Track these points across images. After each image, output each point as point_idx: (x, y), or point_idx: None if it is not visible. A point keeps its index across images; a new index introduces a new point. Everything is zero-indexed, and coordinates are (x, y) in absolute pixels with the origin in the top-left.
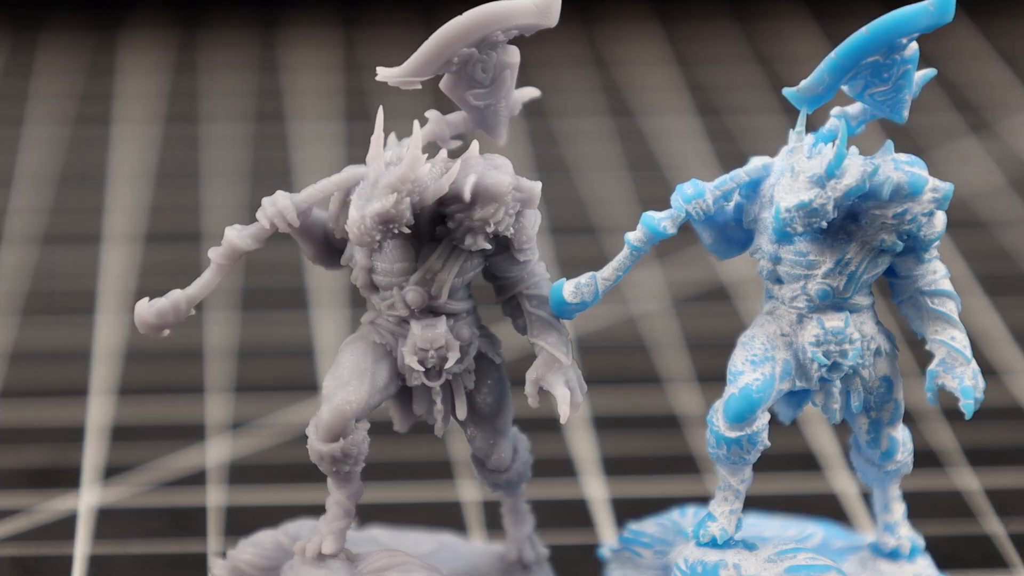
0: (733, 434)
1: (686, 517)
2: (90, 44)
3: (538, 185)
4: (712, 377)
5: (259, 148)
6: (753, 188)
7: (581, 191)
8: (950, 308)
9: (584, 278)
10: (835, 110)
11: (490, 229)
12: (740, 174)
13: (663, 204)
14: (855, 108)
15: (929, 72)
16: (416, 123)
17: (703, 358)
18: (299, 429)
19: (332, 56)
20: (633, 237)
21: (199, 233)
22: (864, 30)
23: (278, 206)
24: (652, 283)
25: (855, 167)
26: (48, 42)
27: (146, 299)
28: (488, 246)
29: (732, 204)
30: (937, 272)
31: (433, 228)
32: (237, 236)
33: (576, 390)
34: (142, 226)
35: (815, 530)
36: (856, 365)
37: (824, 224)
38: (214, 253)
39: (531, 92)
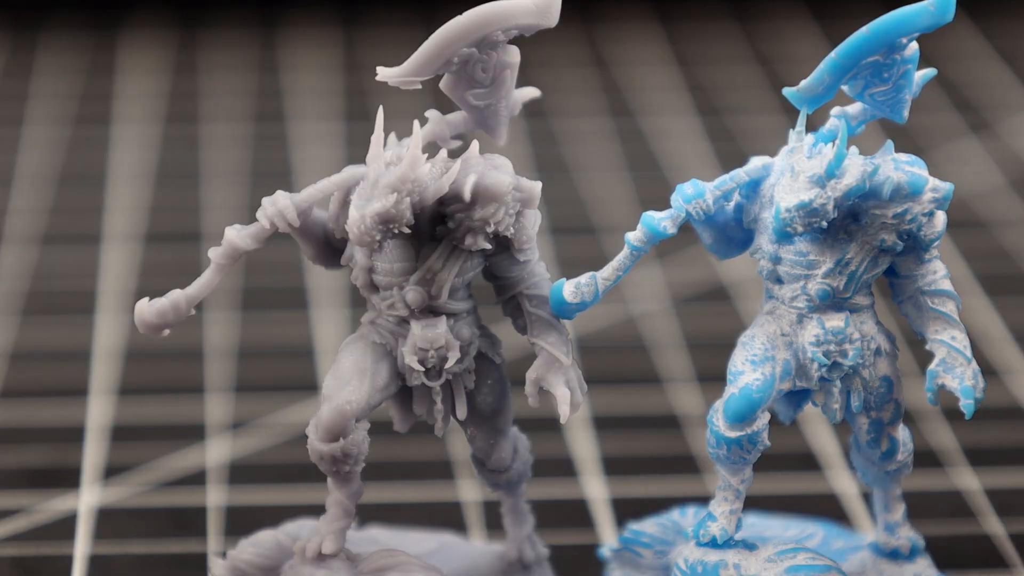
0: (733, 434)
1: (686, 517)
2: (90, 44)
3: (538, 185)
4: (712, 377)
5: (259, 148)
6: (753, 188)
7: (581, 191)
8: (950, 308)
9: (584, 278)
10: (835, 110)
11: (490, 229)
12: (740, 174)
13: (663, 204)
14: (855, 108)
15: (929, 72)
16: (416, 123)
17: (703, 358)
18: (299, 429)
19: (332, 56)
20: (633, 237)
21: (199, 233)
22: (864, 30)
23: (278, 206)
24: (652, 283)
25: (855, 167)
26: (48, 42)
27: (146, 299)
28: (488, 246)
29: (732, 204)
30: (937, 272)
31: (433, 228)
32: (237, 236)
33: (576, 390)
34: (142, 226)
35: (815, 530)
36: (856, 365)
37: (824, 224)
38: (214, 253)
39: (531, 92)
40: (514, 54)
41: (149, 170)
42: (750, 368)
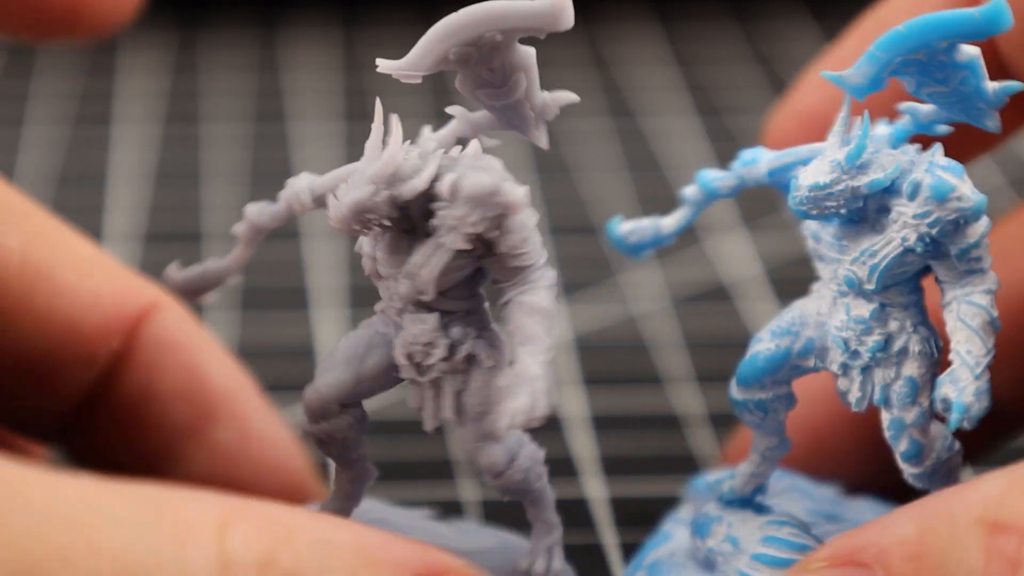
0: (739, 396)
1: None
2: (90, 44)
3: (521, 192)
4: (712, 377)
5: (259, 148)
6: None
7: (581, 191)
8: (977, 323)
9: (645, 221)
10: (903, 106)
11: (468, 230)
12: (801, 151)
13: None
14: (927, 108)
15: (1012, 85)
16: (395, 117)
17: (703, 358)
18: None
19: (332, 56)
20: (688, 192)
21: (199, 233)
22: (900, 26)
23: (295, 188)
24: (652, 283)
25: (885, 161)
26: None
27: (175, 264)
28: (465, 246)
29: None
30: (976, 285)
31: (427, 223)
32: (257, 214)
33: (537, 405)
34: (142, 226)
35: (856, 515)
36: (878, 359)
37: (842, 212)
38: (239, 229)
39: (567, 96)
40: (526, 56)
41: (149, 170)
42: (768, 338)
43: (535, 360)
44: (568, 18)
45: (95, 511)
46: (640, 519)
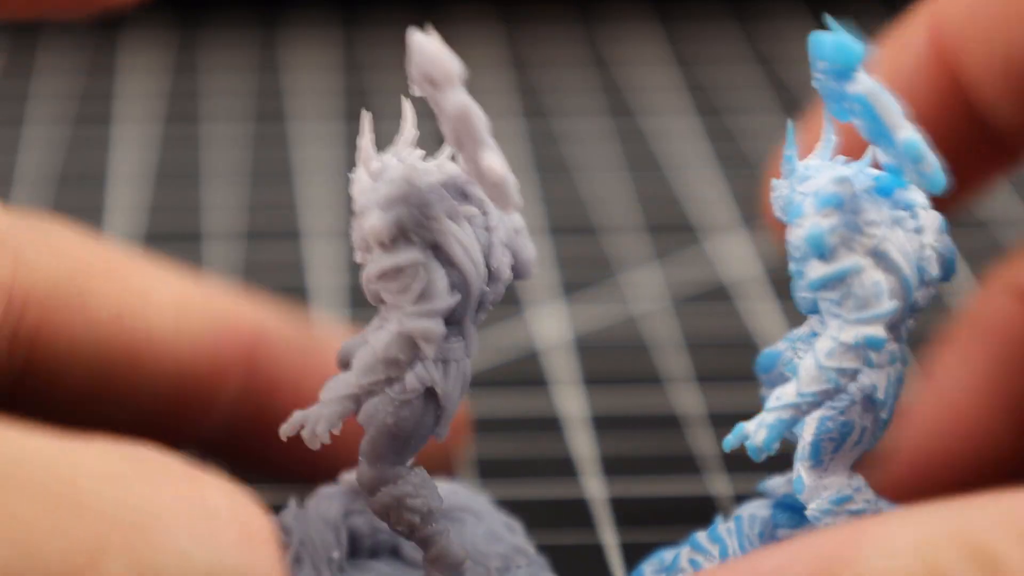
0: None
1: None
2: (90, 44)
3: (376, 223)
4: (712, 377)
5: (259, 148)
6: None
7: (581, 191)
8: (802, 365)
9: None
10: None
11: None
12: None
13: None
14: (885, 157)
15: (917, 141)
16: (366, 115)
17: (703, 358)
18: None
19: (332, 56)
20: None
21: (199, 233)
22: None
23: None
24: (652, 283)
25: (806, 181)
26: (48, 42)
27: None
28: (356, 253)
29: None
30: (831, 329)
31: None
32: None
33: (313, 421)
34: (142, 226)
35: None
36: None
37: (783, 218)
38: None
39: (496, 168)
40: (451, 103)
41: (149, 170)
42: (782, 342)
43: (332, 387)
44: (446, 69)
45: (68, 461)
46: (640, 519)
